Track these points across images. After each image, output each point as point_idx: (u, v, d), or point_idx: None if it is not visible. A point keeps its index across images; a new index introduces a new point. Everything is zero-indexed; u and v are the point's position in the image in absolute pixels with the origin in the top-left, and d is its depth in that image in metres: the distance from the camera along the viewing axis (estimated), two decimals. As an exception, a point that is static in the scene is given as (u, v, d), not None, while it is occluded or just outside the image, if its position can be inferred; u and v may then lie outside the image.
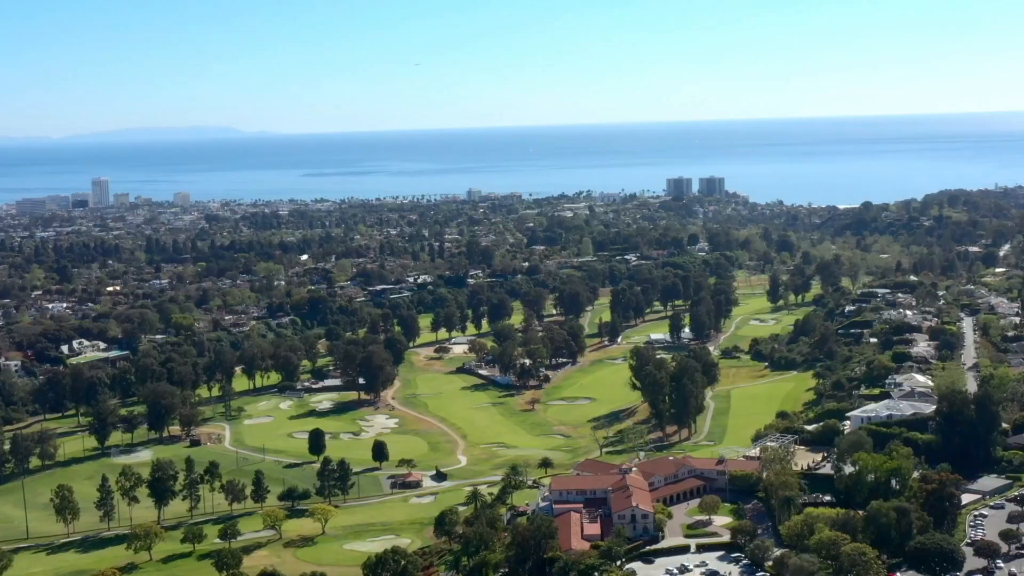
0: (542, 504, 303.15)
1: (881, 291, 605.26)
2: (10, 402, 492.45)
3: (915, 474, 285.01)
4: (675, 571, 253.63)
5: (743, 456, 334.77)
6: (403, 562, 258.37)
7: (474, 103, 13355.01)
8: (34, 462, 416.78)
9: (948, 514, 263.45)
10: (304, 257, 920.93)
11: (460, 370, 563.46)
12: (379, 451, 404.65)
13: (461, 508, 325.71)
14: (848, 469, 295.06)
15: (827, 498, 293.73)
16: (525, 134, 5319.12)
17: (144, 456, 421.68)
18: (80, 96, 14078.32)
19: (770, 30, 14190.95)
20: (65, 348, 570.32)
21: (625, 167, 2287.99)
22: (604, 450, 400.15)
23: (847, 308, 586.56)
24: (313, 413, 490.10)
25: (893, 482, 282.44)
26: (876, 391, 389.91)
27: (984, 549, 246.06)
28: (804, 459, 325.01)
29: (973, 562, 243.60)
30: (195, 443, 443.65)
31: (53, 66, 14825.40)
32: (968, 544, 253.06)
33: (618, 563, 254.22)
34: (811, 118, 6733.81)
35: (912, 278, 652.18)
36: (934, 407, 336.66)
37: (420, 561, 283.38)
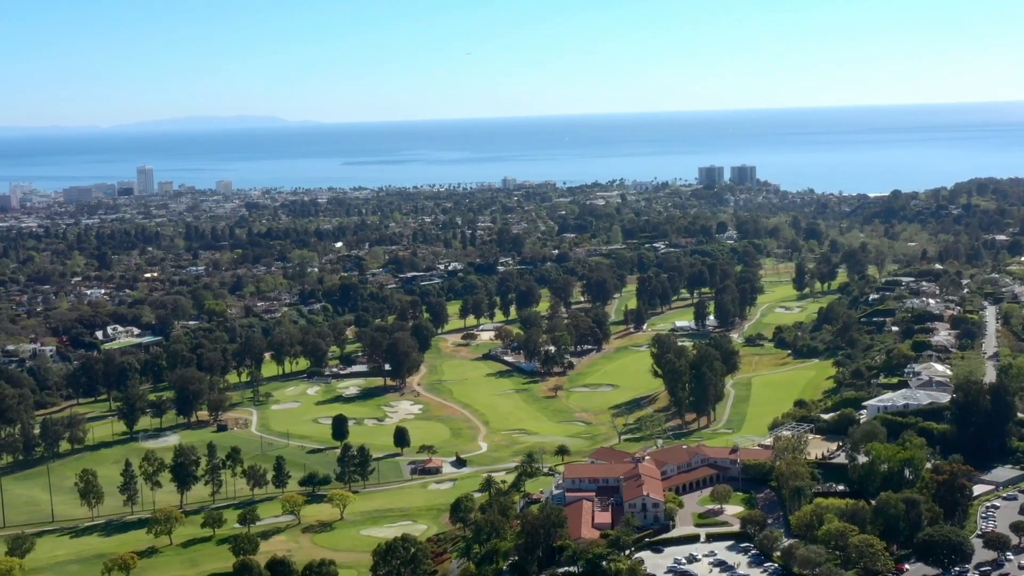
0: (555, 492, 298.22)
1: (905, 279, 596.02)
2: (44, 386, 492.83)
3: (928, 464, 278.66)
4: (683, 561, 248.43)
5: (758, 445, 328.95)
6: (413, 550, 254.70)
7: (514, 92, 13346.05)
8: (64, 446, 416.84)
9: (959, 505, 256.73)
10: (339, 244, 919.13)
11: (486, 356, 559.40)
12: (400, 437, 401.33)
13: (476, 495, 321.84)
14: (862, 459, 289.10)
15: (840, 487, 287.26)
16: (561, 123, 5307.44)
17: (172, 441, 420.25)
18: (129, 87, 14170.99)
19: (805, 19, 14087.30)
20: (99, 334, 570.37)
21: (658, 156, 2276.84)
22: (623, 437, 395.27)
23: (871, 296, 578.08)
24: (339, 399, 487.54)
25: (906, 472, 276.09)
26: (895, 380, 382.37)
27: (994, 541, 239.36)
28: (819, 448, 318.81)
29: (982, 554, 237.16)
30: (222, 428, 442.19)
31: (103, 57, 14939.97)
32: (978, 536, 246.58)
33: (627, 552, 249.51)
34: (844, 107, 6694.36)
35: (937, 266, 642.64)
36: (951, 397, 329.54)
37: (430, 549, 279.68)
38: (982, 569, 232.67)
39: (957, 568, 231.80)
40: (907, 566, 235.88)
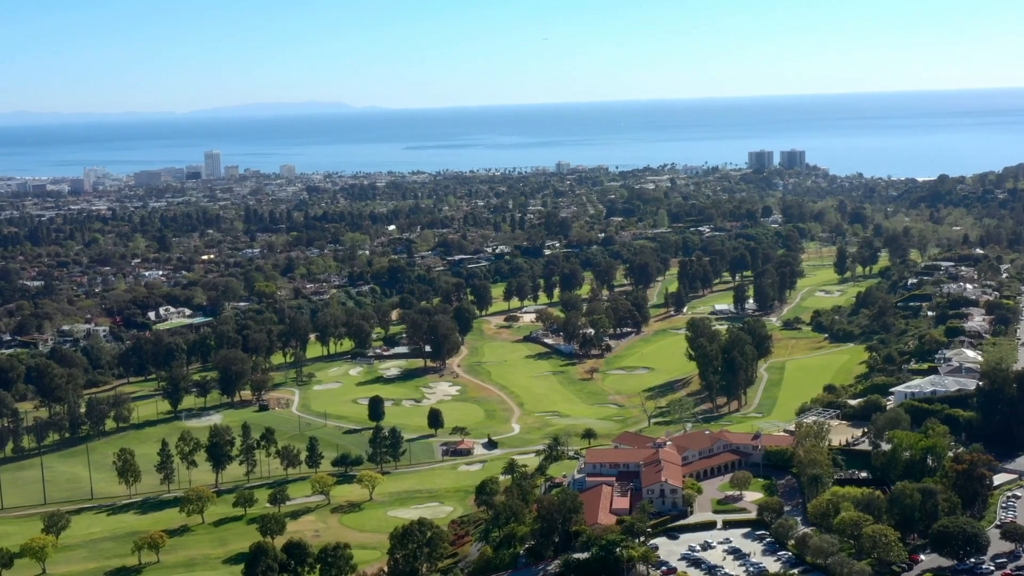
0: (577, 476, 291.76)
1: (945, 264, 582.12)
2: (97, 366, 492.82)
3: (950, 453, 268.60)
4: (698, 548, 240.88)
5: (783, 430, 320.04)
6: (429, 533, 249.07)
7: (578, 78, 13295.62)
8: (109, 424, 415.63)
9: (979, 495, 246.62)
10: (391, 227, 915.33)
11: (527, 339, 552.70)
12: (434, 419, 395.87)
13: (501, 478, 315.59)
14: (885, 446, 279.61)
15: (863, 475, 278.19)
16: (618, 109, 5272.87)
17: (214, 420, 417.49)
18: (204, 74, 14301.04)
19: (857, 4, 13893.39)
20: (152, 315, 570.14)
21: (710, 140, 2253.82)
22: (653, 421, 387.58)
23: (909, 281, 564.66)
24: (380, 379, 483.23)
25: (929, 460, 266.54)
26: (925, 366, 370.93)
27: (1012, 532, 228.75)
28: (844, 434, 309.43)
29: (999, 545, 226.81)
30: (264, 408, 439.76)
31: (179, 45, 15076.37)
32: (997, 526, 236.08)
33: (641, 538, 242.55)
34: (896, 92, 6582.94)
35: (978, 251, 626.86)
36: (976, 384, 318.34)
37: (452, 531, 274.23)
38: (998, 561, 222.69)
39: (972, 559, 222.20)
40: (922, 557, 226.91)
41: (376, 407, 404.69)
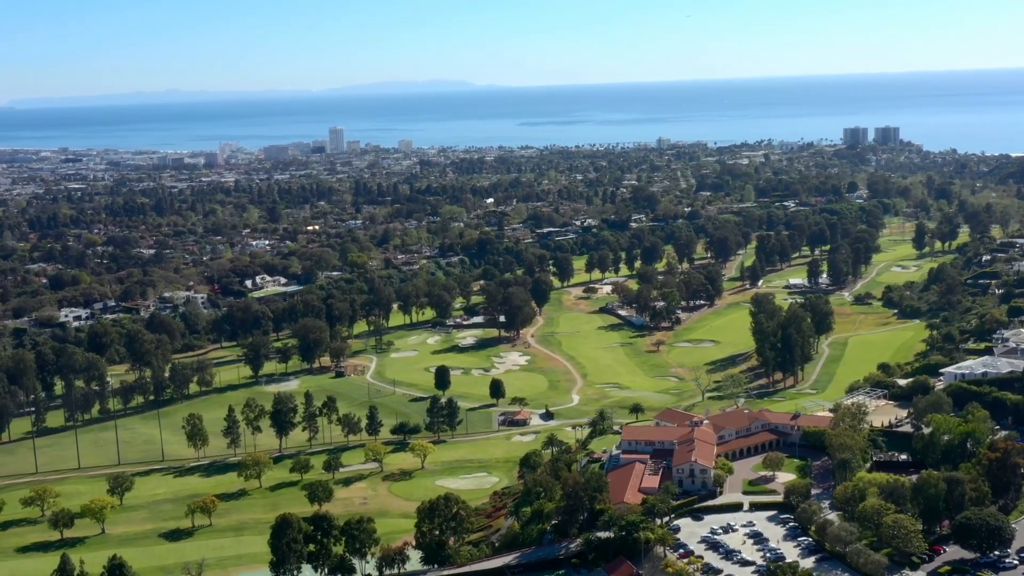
0: (614, 452, 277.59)
1: (1020, 241, 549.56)
2: (194, 331, 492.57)
3: (990, 438, 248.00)
4: (719, 530, 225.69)
5: (828, 410, 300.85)
6: (455, 508, 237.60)
7: (695, 57, 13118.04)
8: (193, 388, 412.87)
9: (1012, 485, 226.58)
10: (489, 200, 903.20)
11: (602, 310, 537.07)
12: (496, 388, 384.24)
13: (545, 451, 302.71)
14: (926, 429, 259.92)
15: (903, 457, 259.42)
16: (731, 86, 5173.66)
17: (292, 385, 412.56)
18: (338, 55, 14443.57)
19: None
20: (249, 283, 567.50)
21: (806, 117, 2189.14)
22: (707, 395, 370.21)
23: (984, 257, 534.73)
24: (455, 348, 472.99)
25: (968, 445, 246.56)
26: (982, 346, 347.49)
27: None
28: (889, 415, 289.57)
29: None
30: (340, 375, 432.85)
31: (316, 28, 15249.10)
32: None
33: (664, 519, 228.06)
34: (993, 69, 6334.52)
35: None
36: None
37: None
38: (1023, 555, 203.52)
39: (997, 552, 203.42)
40: (946, 549, 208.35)
41: (442, 376, 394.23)
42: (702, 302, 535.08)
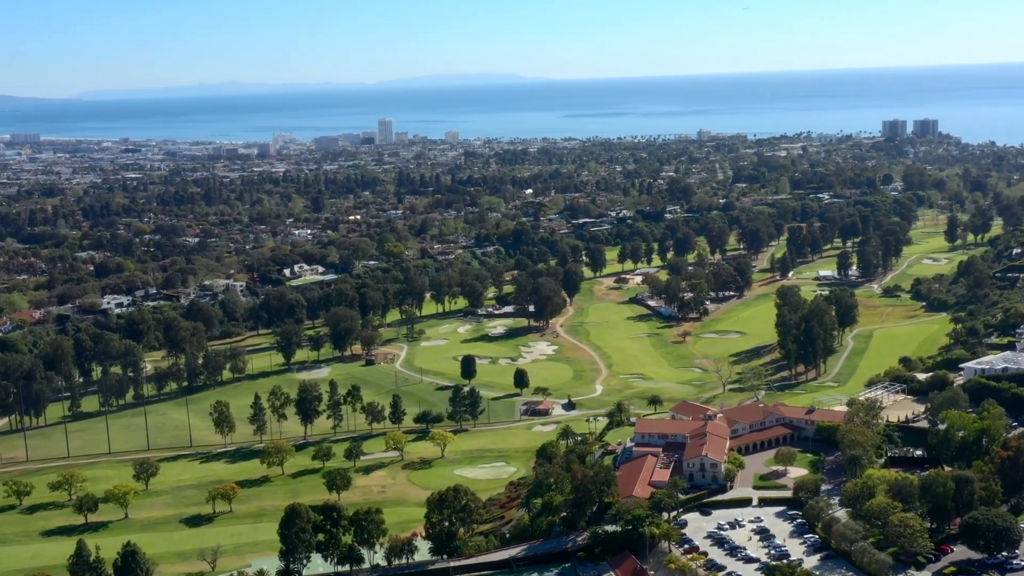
0: (628, 445, 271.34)
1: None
2: (232, 318, 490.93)
3: (1004, 435, 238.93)
4: (726, 526, 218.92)
5: (845, 404, 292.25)
6: (464, 500, 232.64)
7: (740, 49, 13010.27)
8: (227, 375, 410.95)
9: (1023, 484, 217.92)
10: (528, 191, 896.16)
11: (632, 300, 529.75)
12: (520, 378, 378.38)
13: (561, 442, 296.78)
14: (942, 425, 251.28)
15: (918, 453, 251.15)
16: (769, 79, 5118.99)
17: (323, 373, 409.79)
18: (393, 48, 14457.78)
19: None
20: (287, 271, 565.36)
21: (846, 110, 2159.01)
22: (728, 387, 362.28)
23: (1015, 250, 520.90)
24: (485, 337, 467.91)
25: (983, 442, 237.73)
26: (1005, 340, 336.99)
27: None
28: (907, 409, 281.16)
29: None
30: (370, 363, 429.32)
31: (372, 21, 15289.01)
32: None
33: (671, 514, 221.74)
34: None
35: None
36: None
37: (480, 500, 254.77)
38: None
39: (1004, 553, 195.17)
40: (954, 549, 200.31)
41: (468, 365, 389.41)
42: (731, 293, 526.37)
